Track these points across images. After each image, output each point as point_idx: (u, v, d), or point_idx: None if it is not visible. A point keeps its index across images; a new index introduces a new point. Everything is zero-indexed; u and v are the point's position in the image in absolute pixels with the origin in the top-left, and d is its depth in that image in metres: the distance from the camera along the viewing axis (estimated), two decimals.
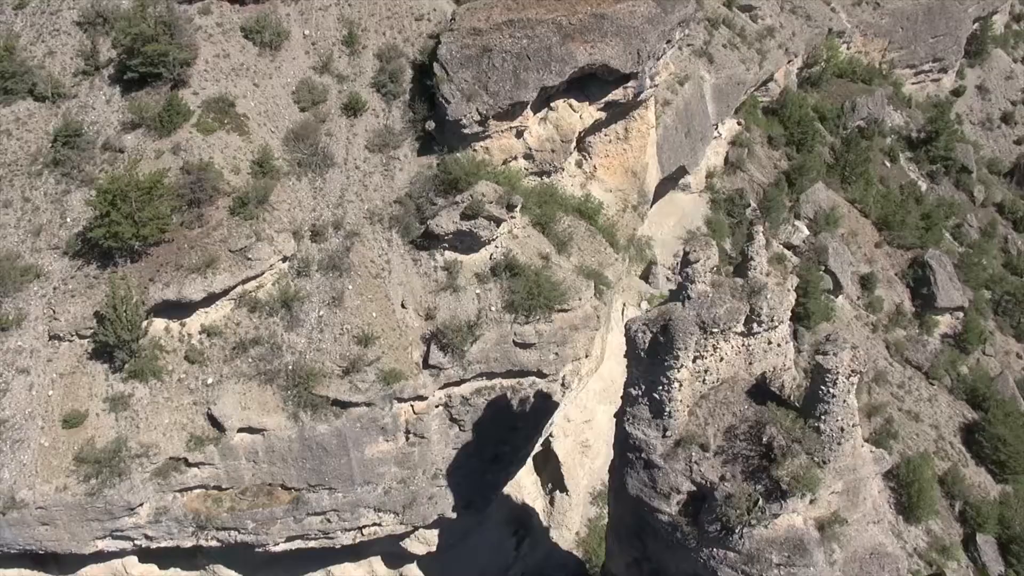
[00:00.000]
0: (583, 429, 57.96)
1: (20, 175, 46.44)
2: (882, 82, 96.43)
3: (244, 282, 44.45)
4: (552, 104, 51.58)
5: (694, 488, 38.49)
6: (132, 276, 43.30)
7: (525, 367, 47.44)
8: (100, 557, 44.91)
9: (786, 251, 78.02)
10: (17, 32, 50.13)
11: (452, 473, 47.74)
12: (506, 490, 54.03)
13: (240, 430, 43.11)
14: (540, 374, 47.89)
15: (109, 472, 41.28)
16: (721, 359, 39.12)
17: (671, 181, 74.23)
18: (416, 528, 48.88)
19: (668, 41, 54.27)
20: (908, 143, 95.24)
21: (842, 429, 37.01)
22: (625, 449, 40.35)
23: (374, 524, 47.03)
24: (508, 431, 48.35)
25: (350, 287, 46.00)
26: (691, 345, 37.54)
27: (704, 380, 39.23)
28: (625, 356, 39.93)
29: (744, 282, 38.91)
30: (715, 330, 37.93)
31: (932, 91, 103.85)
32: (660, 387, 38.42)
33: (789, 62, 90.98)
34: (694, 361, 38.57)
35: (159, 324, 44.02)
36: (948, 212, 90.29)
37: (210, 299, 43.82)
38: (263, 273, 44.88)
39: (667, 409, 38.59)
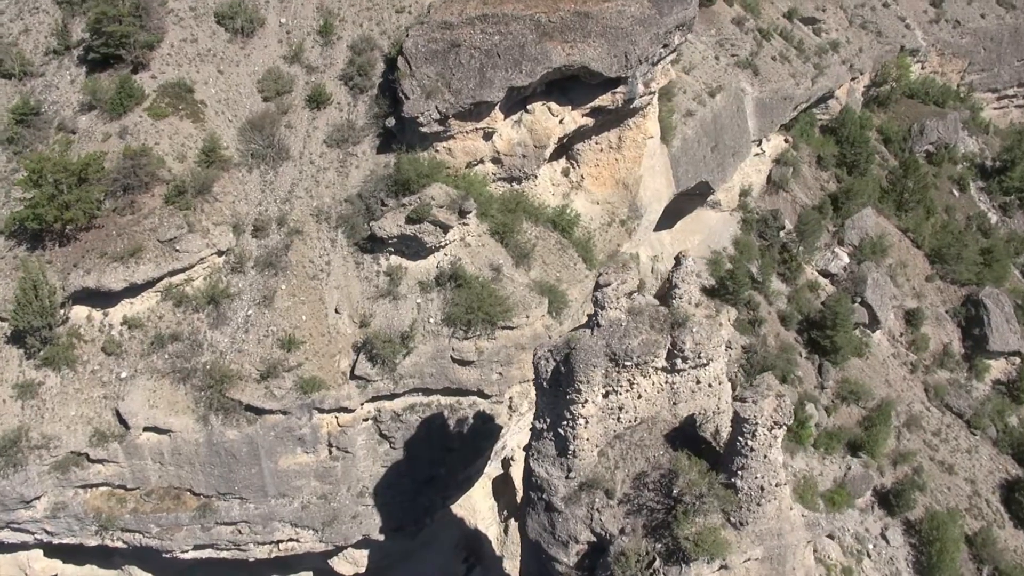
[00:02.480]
0: None
1: None
2: (957, 105, 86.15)
3: (171, 274, 40.79)
4: (528, 107, 46.30)
5: (594, 539, 32.93)
6: (58, 261, 40.46)
7: (464, 385, 42.18)
8: (2, 548, 42.65)
9: (821, 278, 70.19)
10: (1, 9, 48.81)
11: (380, 492, 42.90)
12: (460, 514, 48.98)
13: (146, 429, 39.49)
14: (481, 394, 42.58)
15: (4, 462, 38.14)
16: (639, 396, 33.13)
17: (698, 197, 67.48)
18: (342, 547, 44.72)
19: (665, 45, 48.08)
20: (981, 171, 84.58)
21: (762, 488, 30.61)
22: (528, 487, 35.05)
23: (291, 539, 42.58)
24: (444, 452, 43.22)
25: (283, 287, 41.88)
26: (595, 378, 31.75)
27: (619, 418, 33.30)
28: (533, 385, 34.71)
29: (668, 312, 32.94)
30: (628, 363, 32.10)
31: (1016, 117, 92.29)
32: (564, 422, 32.85)
33: (853, 79, 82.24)
34: (606, 396, 32.79)
35: (81, 312, 40.80)
36: (1019, 248, 79.87)
37: (134, 290, 40.29)
38: (193, 266, 41.15)
39: (571, 447, 32.96)
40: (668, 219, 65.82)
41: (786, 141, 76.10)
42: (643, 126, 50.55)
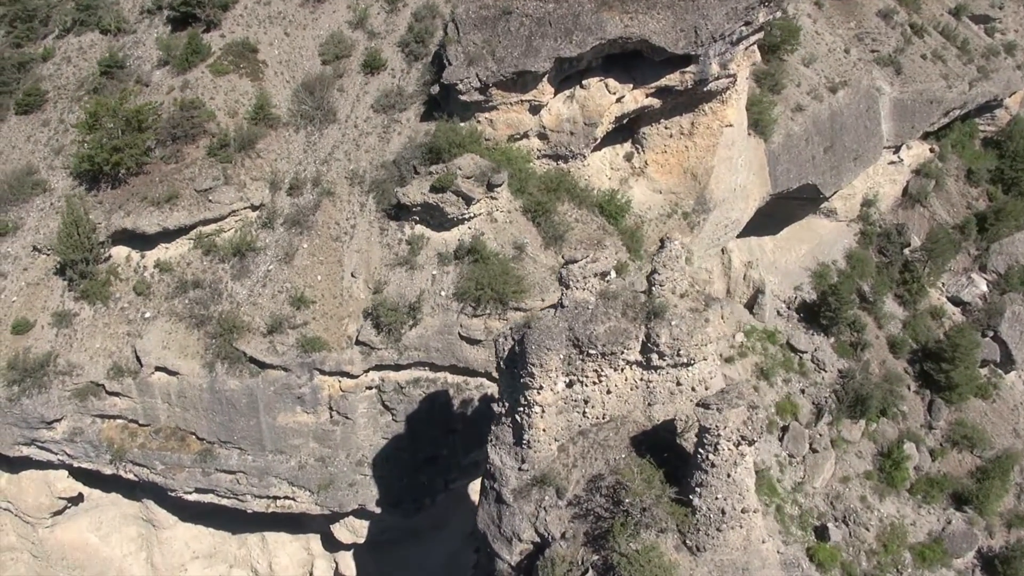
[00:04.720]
0: None
1: (64, 99, 47.66)
2: None
3: (203, 223, 41.63)
4: (584, 82, 43.55)
5: (538, 539, 29.88)
6: (107, 202, 42.54)
7: (471, 365, 40.11)
8: (31, 464, 45.09)
9: (949, 306, 61.81)
10: None
11: (379, 464, 41.62)
12: (479, 500, 46.89)
13: (157, 369, 40.49)
14: (490, 377, 40.23)
15: (31, 383, 40.47)
16: (608, 391, 29.80)
17: (809, 203, 61.44)
18: (342, 514, 43.85)
19: (747, 23, 43.57)
20: None
21: (723, 511, 26.51)
22: (484, 475, 32.45)
23: (287, 498, 42.26)
24: (446, 432, 41.30)
25: (305, 245, 41.53)
26: (551, 363, 28.72)
27: (584, 412, 30.11)
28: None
29: (646, 299, 29.24)
30: (593, 351, 28.86)
31: None
32: (520, 408, 30.08)
33: None
34: (569, 386, 29.71)
35: (122, 252, 42.60)
36: None
37: (168, 235, 41.54)
38: (225, 217, 41.80)
39: (526, 437, 30.16)
40: (772, 224, 60.38)
41: (931, 150, 67.73)
42: (721, 113, 46.11)
